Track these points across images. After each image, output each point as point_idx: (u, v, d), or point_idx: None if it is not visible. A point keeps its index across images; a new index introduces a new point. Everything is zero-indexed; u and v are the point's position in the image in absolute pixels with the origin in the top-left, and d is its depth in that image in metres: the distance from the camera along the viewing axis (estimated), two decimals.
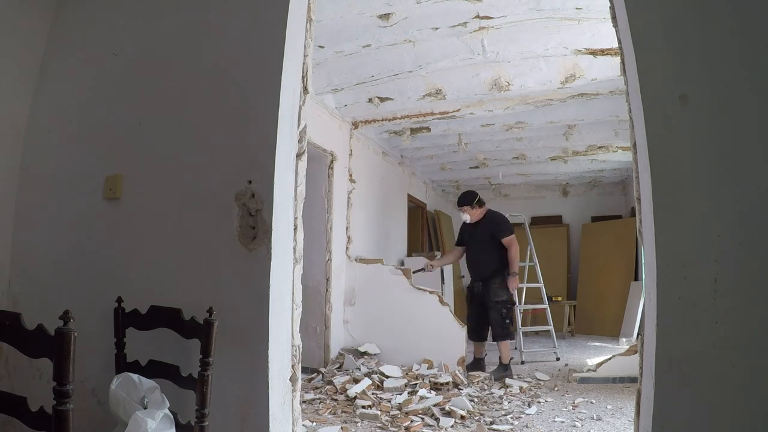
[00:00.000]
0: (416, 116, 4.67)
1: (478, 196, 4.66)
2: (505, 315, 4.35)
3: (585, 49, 3.50)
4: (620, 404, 3.32)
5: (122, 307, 1.89)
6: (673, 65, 1.40)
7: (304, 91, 1.93)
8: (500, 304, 4.34)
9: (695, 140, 1.36)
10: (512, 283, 4.37)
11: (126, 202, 2.05)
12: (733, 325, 1.27)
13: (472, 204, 4.58)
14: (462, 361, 4.31)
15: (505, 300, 4.37)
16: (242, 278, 1.77)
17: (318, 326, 4.46)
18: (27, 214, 2.26)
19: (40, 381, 2.04)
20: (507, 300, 4.40)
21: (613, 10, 1.63)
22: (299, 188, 1.91)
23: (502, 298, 4.36)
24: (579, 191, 8.19)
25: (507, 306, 4.39)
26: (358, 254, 4.98)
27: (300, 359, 1.86)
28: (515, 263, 4.40)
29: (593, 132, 5.29)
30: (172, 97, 2.02)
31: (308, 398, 3.40)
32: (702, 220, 1.33)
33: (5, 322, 1.31)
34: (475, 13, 3.13)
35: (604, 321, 6.67)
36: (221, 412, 1.71)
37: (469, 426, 2.92)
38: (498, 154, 6.32)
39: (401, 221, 6.66)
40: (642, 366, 1.47)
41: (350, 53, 3.62)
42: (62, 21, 2.37)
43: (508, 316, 4.37)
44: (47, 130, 2.29)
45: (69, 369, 1.18)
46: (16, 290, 2.21)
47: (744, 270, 1.28)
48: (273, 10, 1.85)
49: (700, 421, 1.29)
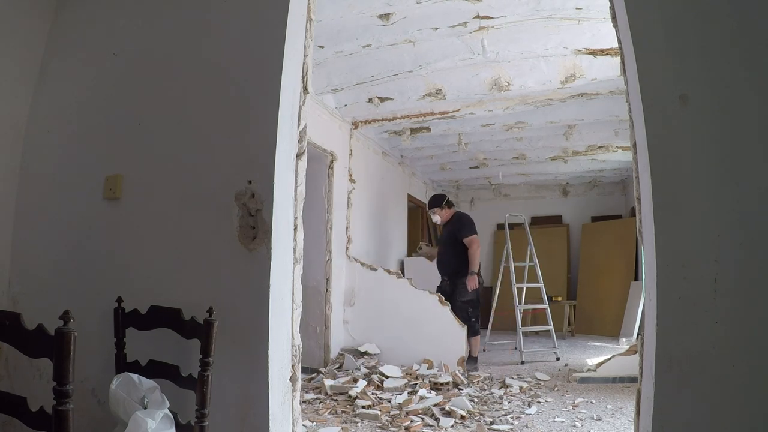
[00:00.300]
0: (416, 116, 4.68)
1: (446, 198, 4.95)
2: (471, 313, 4.57)
3: (585, 49, 3.50)
4: (620, 404, 3.31)
5: (122, 307, 1.89)
6: (673, 65, 1.40)
7: (304, 91, 1.93)
8: (467, 303, 4.56)
9: (695, 140, 1.36)
10: (470, 282, 4.54)
11: (126, 202, 2.05)
12: (733, 325, 1.27)
13: (441, 205, 4.86)
14: (462, 361, 4.31)
15: (471, 299, 4.56)
16: (242, 278, 1.77)
17: (318, 326, 4.46)
18: (27, 214, 2.25)
19: (40, 381, 2.04)
20: (474, 299, 4.59)
21: (613, 10, 1.63)
22: (299, 188, 1.91)
23: (468, 297, 4.55)
24: (579, 191, 8.18)
25: (473, 305, 4.59)
26: (358, 254, 4.98)
27: (300, 359, 1.86)
28: (474, 262, 4.57)
29: (593, 132, 5.29)
30: (172, 97, 2.02)
31: (308, 398, 3.40)
32: (702, 220, 1.33)
33: (5, 322, 1.31)
34: (475, 13, 3.13)
35: (604, 321, 6.67)
36: (221, 412, 1.71)
37: (469, 426, 2.92)
38: (498, 154, 6.33)
39: (401, 221, 6.66)
40: (642, 366, 1.47)
41: (350, 53, 3.62)
42: (62, 21, 2.37)
43: (474, 314, 4.59)
44: (47, 130, 2.29)
45: (69, 369, 1.18)
46: (16, 290, 2.21)
47: (744, 270, 1.28)
48: (273, 10, 1.85)
49: (700, 421, 1.29)
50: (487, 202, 8.53)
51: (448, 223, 4.86)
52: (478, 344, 4.67)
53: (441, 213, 4.86)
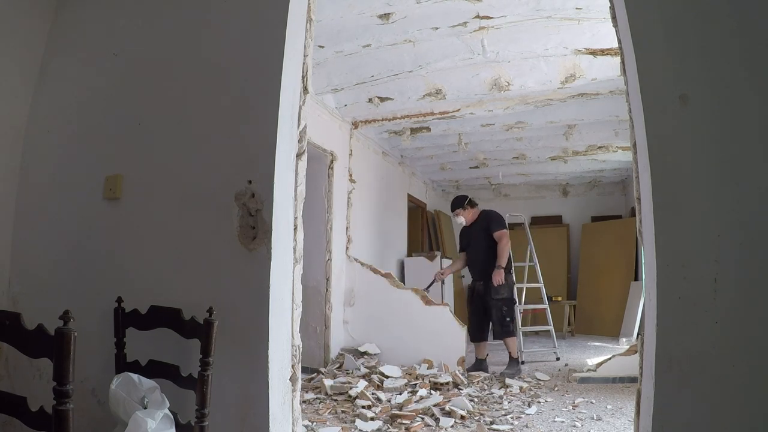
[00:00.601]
0: (416, 116, 4.68)
1: (468, 197, 4.75)
2: (506, 313, 4.38)
3: (585, 49, 3.50)
4: (620, 404, 3.31)
5: (122, 307, 1.89)
6: (673, 65, 1.40)
7: (304, 91, 1.93)
8: (501, 301, 4.38)
9: (695, 140, 1.36)
10: (496, 276, 4.36)
11: (126, 202, 2.05)
12: (733, 325, 1.27)
13: (464, 206, 4.67)
14: (462, 361, 4.31)
15: (506, 297, 4.41)
16: (242, 278, 1.77)
17: (318, 326, 4.46)
18: (27, 214, 2.25)
19: (40, 381, 2.04)
20: (508, 297, 4.44)
21: (613, 10, 1.63)
22: (299, 188, 1.91)
23: (503, 296, 4.39)
24: (579, 191, 8.18)
25: (508, 303, 4.43)
26: (358, 254, 4.98)
27: (300, 359, 1.86)
28: (502, 257, 4.40)
29: (593, 132, 5.29)
30: (172, 97, 2.02)
31: (308, 398, 3.40)
32: (702, 220, 1.33)
33: (5, 322, 1.31)
34: (475, 13, 3.14)
35: (604, 321, 6.67)
36: (221, 412, 1.71)
37: (469, 426, 2.92)
38: (498, 154, 6.33)
39: (401, 221, 6.66)
40: (642, 366, 1.47)
41: (350, 53, 3.62)
42: (62, 21, 2.37)
43: (509, 314, 4.41)
44: (47, 130, 2.28)
45: (69, 369, 1.18)
46: (16, 290, 2.21)
47: (744, 270, 1.28)
48: (273, 10, 1.85)
49: (700, 421, 1.29)
50: (487, 202, 8.49)
51: (475, 223, 4.66)
52: (515, 345, 4.42)
53: (465, 214, 4.66)
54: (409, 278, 6.23)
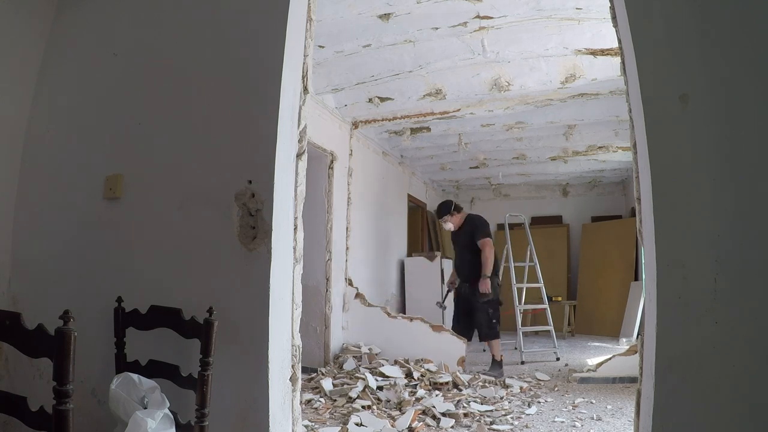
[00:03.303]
0: (416, 116, 4.68)
1: (453, 203, 4.79)
2: (492, 315, 4.45)
3: (585, 49, 3.50)
4: (620, 404, 3.31)
5: (122, 307, 1.89)
6: (673, 65, 1.39)
7: (304, 91, 1.93)
8: (486, 304, 4.44)
9: (695, 140, 1.35)
10: (482, 285, 4.38)
11: (126, 202, 2.05)
12: (733, 325, 1.27)
13: (451, 211, 4.70)
14: (462, 361, 4.31)
15: (491, 300, 4.46)
16: (242, 278, 1.77)
17: (318, 326, 4.46)
18: (27, 214, 2.25)
19: (40, 381, 2.04)
20: (494, 299, 4.49)
21: (613, 10, 1.63)
22: (299, 188, 1.91)
23: (487, 298, 4.44)
24: (579, 191, 8.19)
25: (494, 305, 4.49)
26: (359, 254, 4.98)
27: (300, 359, 1.86)
28: (487, 266, 4.42)
29: (593, 132, 5.29)
30: (172, 97, 2.02)
31: (308, 398, 3.40)
32: (702, 220, 1.33)
33: (5, 322, 1.31)
34: (476, 13, 3.13)
35: (604, 321, 6.67)
36: (221, 412, 1.71)
37: (469, 426, 2.92)
38: (498, 154, 6.33)
39: (401, 221, 6.66)
40: (642, 366, 1.47)
41: (350, 53, 3.62)
42: (62, 21, 2.37)
43: (494, 316, 4.47)
44: (47, 130, 2.28)
45: (69, 369, 1.18)
46: (16, 290, 2.21)
47: (744, 270, 1.28)
48: (273, 10, 1.85)
49: (700, 421, 1.29)
50: (487, 202, 8.53)
51: (461, 228, 4.74)
52: (498, 347, 4.46)
53: (452, 219, 4.72)
54: (409, 278, 6.24)
